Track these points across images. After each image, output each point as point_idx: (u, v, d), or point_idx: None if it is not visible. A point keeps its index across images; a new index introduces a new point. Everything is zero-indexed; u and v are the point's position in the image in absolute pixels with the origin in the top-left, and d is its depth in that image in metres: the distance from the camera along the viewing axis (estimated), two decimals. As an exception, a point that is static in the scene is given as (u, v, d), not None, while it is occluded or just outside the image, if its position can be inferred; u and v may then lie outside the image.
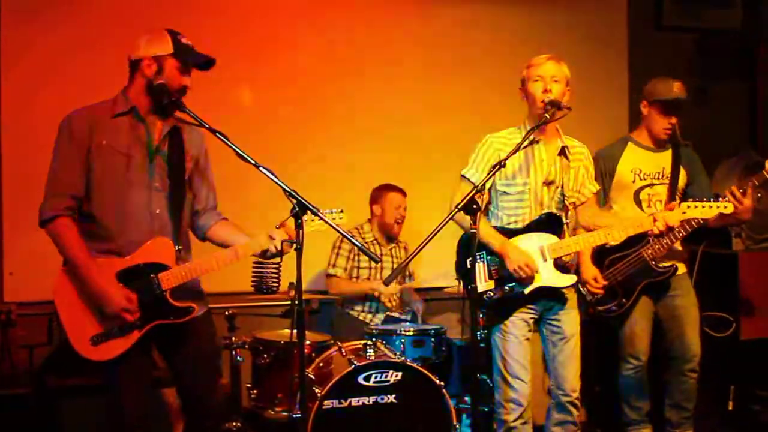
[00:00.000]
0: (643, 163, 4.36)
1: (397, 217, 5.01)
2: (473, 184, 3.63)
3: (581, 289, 4.15)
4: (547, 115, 3.51)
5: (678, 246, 4.33)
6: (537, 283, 3.65)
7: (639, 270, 4.23)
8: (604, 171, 4.37)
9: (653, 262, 4.20)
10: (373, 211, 5.07)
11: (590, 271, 4.18)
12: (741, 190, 3.90)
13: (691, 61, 6.18)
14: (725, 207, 3.76)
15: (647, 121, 4.37)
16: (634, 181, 4.35)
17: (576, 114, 3.55)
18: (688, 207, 3.75)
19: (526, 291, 3.65)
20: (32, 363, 4.57)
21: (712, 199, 3.79)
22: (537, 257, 3.65)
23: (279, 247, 3.24)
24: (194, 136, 3.34)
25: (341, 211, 3.37)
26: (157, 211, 3.20)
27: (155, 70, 3.15)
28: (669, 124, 4.30)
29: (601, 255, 4.28)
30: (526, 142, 3.49)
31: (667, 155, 4.37)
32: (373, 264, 4.98)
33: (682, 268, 4.37)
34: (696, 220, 3.98)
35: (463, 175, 3.76)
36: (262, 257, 3.31)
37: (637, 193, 4.35)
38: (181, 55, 3.16)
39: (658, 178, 4.34)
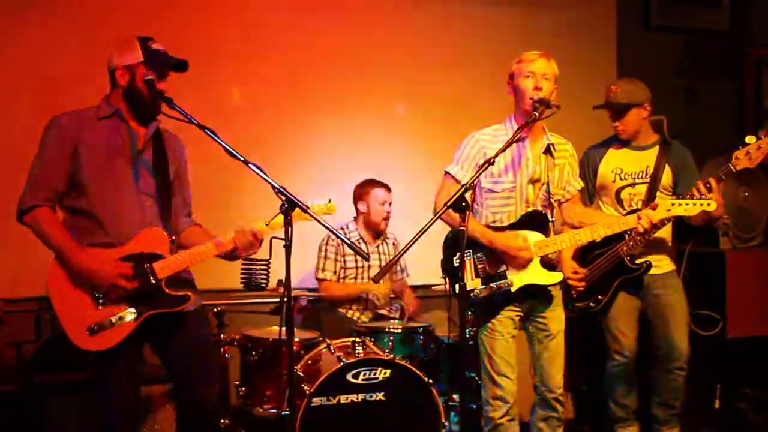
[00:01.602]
0: (624, 162, 4.39)
1: (383, 214, 4.98)
2: (458, 181, 3.64)
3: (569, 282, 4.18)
4: (536, 113, 3.51)
5: (668, 241, 4.36)
6: (524, 281, 3.65)
7: (614, 266, 4.26)
8: (588, 171, 4.40)
9: (627, 258, 4.23)
10: (358, 209, 5.04)
11: (569, 264, 4.21)
12: (706, 185, 3.91)
13: (679, 61, 6.21)
14: (708, 204, 3.78)
15: None
16: (614, 181, 4.38)
17: (564, 113, 3.55)
18: (672, 204, 3.77)
19: (513, 289, 3.66)
20: (20, 360, 4.56)
21: (695, 197, 3.81)
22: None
23: (246, 243, 3.27)
24: (175, 145, 3.42)
25: (329, 201, 3.38)
26: (147, 204, 3.25)
27: (128, 79, 3.22)
28: (614, 127, 4.36)
29: (583, 252, 4.31)
30: (513, 140, 3.50)
31: (651, 153, 4.39)
32: (360, 263, 4.96)
33: (669, 266, 4.40)
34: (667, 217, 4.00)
35: (447, 172, 3.76)
36: (227, 257, 3.34)
37: (618, 193, 4.38)
38: (151, 61, 3.21)
39: (641, 177, 4.36)
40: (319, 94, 5.36)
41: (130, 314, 3.15)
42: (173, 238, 3.26)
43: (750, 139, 3.96)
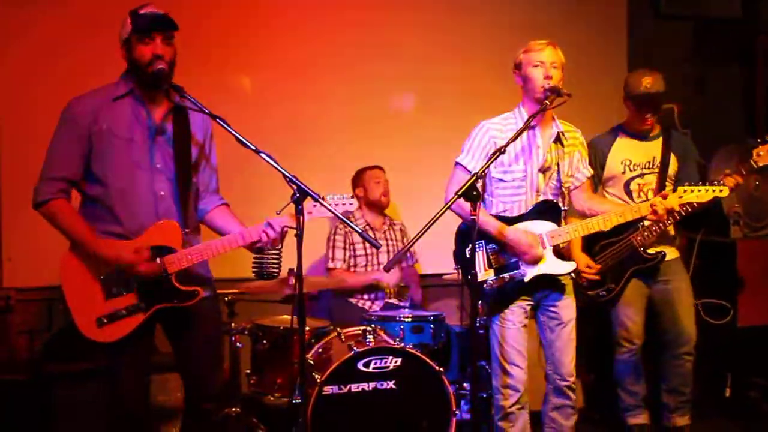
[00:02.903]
0: (632, 153, 4.39)
1: (381, 190, 5.01)
2: (468, 171, 3.63)
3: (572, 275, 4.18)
4: (547, 102, 3.51)
5: (671, 231, 4.36)
6: (537, 271, 3.65)
7: (628, 256, 4.27)
8: (595, 162, 4.38)
9: (642, 249, 4.24)
10: (357, 197, 5.04)
11: (582, 258, 4.22)
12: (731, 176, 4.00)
13: (690, 50, 6.18)
14: (720, 191, 3.77)
15: (629, 114, 4.41)
16: (624, 172, 4.38)
17: (574, 102, 3.54)
18: (684, 191, 3.76)
19: (527, 279, 3.66)
20: (32, 349, 4.58)
21: (707, 183, 3.81)
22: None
23: (272, 236, 3.23)
24: (199, 120, 3.33)
25: (352, 197, 3.35)
26: (162, 193, 3.21)
27: (126, 53, 3.18)
28: (645, 119, 4.33)
29: (591, 241, 4.30)
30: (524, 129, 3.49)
31: (657, 143, 4.39)
32: (369, 251, 4.97)
33: (674, 253, 4.41)
34: (684, 209, 3.98)
35: (458, 163, 3.75)
36: (250, 248, 3.31)
37: (627, 184, 4.38)
38: (136, 27, 3.14)
39: (649, 167, 4.37)
40: (329, 86, 5.34)
41: (138, 308, 3.16)
42: (186, 231, 3.23)
43: None
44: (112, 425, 3.33)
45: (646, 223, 4.17)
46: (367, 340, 3.95)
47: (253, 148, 3.05)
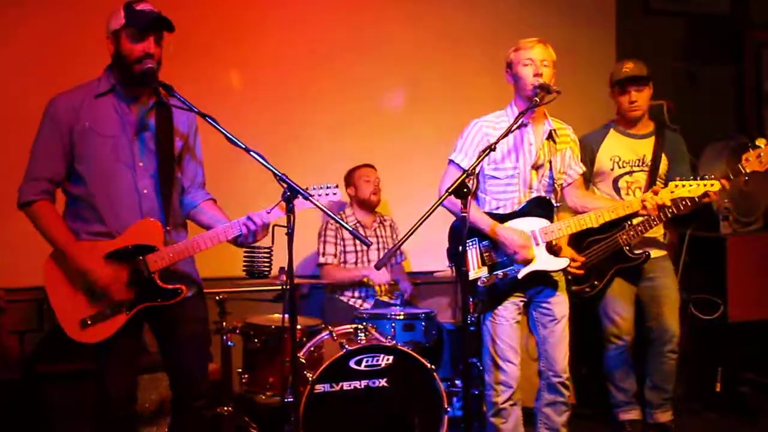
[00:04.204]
0: (622, 150, 4.40)
1: (371, 189, 5.02)
2: (462, 168, 3.64)
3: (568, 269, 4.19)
4: (537, 99, 3.52)
5: (660, 237, 4.37)
6: (531, 267, 3.66)
7: (613, 254, 4.28)
8: (585, 158, 4.39)
9: (627, 248, 4.25)
10: (349, 195, 5.08)
11: (567, 251, 4.22)
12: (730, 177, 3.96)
13: (679, 45, 6.20)
14: (711, 185, 3.78)
15: (617, 105, 4.43)
16: (612, 169, 4.39)
17: (563, 98, 3.55)
18: (676, 186, 3.77)
19: (520, 276, 3.66)
20: (23, 349, 4.57)
21: (698, 178, 3.82)
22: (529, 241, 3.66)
23: (252, 229, 3.19)
24: (183, 117, 3.30)
25: (336, 186, 3.32)
26: (145, 191, 3.18)
27: (113, 45, 3.14)
28: (630, 102, 4.35)
29: (579, 237, 4.31)
30: (515, 126, 3.50)
31: (648, 142, 4.40)
32: (359, 247, 4.98)
33: (661, 252, 4.41)
34: (678, 205, 3.99)
35: (451, 160, 3.75)
36: (233, 243, 3.29)
37: (615, 181, 4.39)
38: (130, 22, 3.11)
39: (638, 165, 4.38)
40: (319, 84, 5.33)
41: (121, 307, 3.14)
42: (168, 229, 3.21)
43: (761, 141, 3.95)
44: (99, 426, 3.31)
45: (634, 222, 4.18)
46: (359, 338, 3.96)
47: (243, 146, 3.04)
